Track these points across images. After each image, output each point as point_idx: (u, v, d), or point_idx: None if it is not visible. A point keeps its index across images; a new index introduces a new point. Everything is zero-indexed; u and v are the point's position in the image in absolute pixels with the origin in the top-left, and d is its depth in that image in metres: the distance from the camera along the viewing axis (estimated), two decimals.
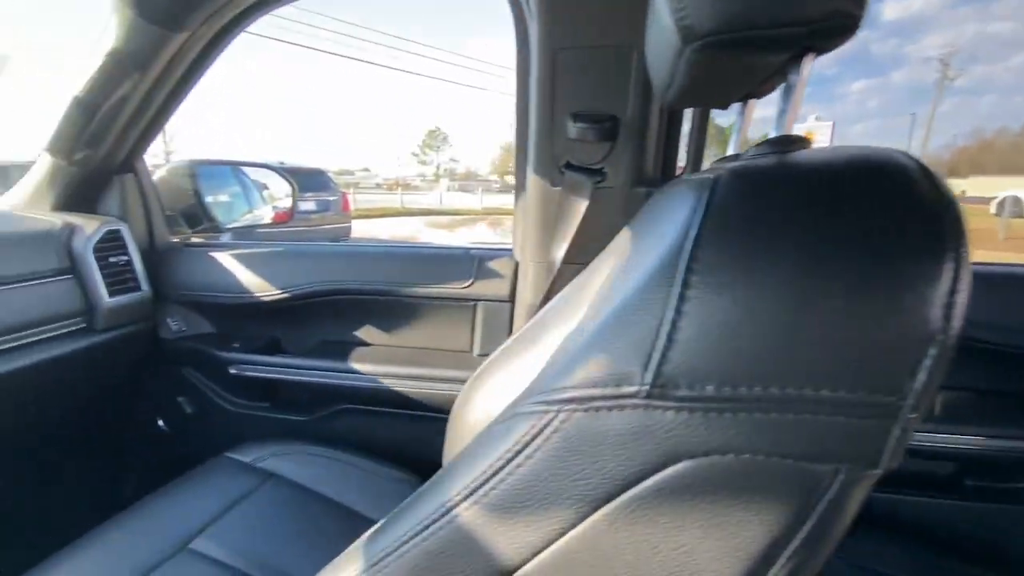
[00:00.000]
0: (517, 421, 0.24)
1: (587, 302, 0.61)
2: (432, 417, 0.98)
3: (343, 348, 1.05)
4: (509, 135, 51.74)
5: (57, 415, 1.05)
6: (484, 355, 0.99)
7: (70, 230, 0.96)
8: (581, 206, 0.75)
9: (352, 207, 7.69)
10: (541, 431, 0.23)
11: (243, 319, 1.11)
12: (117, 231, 1.01)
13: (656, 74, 0.45)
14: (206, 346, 1.09)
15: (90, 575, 0.63)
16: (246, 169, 1.60)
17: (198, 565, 0.66)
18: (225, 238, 1.27)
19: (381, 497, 0.83)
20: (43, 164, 1.01)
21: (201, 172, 1.26)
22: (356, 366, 1.00)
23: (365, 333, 1.08)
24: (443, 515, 0.25)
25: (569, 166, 0.76)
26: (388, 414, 1.01)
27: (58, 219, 0.97)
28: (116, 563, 0.65)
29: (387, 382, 0.99)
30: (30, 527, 1.05)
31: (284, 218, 1.68)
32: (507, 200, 23.79)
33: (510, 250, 0.98)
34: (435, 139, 53.89)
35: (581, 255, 0.75)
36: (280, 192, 1.79)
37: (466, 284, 0.96)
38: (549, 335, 0.64)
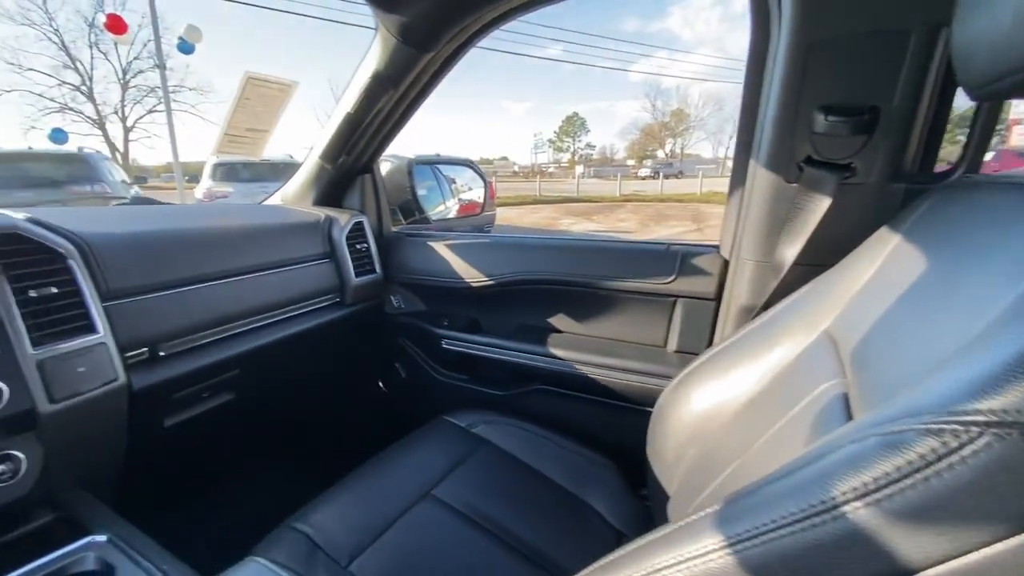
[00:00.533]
0: (915, 436, 0.24)
1: (841, 305, 0.58)
2: (622, 406, 1.02)
3: (539, 333, 1.14)
4: (649, 116, 49.21)
5: (309, 373, 1.31)
6: (681, 352, 0.99)
7: (329, 221, 1.18)
8: (822, 204, 0.70)
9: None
10: (954, 451, 0.23)
11: (450, 301, 1.26)
12: (361, 222, 1.22)
13: (985, 62, 0.40)
14: (421, 321, 1.27)
15: (355, 516, 0.75)
16: (439, 165, 1.82)
17: (440, 510, 0.78)
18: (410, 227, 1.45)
19: (582, 476, 0.89)
20: (309, 167, 1.26)
21: (416, 170, 1.44)
22: (551, 351, 1.07)
23: (559, 321, 1.15)
24: (826, 510, 0.26)
25: (810, 161, 0.72)
26: (579, 398, 1.07)
27: (321, 212, 1.20)
28: (375, 503, 0.78)
29: (580, 368, 1.04)
30: (287, 469, 1.32)
31: (475, 209, 1.86)
32: (644, 186, 22.70)
33: (715, 247, 0.96)
34: (572, 125, 53.66)
35: (817, 256, 0.70)
36: (463, 186, 1.99)
37: (667, 280, 0.97)
38: (791, 338, 0.62)
